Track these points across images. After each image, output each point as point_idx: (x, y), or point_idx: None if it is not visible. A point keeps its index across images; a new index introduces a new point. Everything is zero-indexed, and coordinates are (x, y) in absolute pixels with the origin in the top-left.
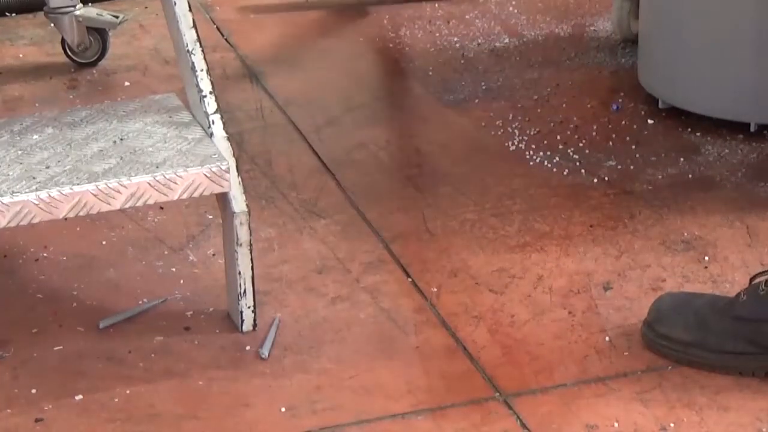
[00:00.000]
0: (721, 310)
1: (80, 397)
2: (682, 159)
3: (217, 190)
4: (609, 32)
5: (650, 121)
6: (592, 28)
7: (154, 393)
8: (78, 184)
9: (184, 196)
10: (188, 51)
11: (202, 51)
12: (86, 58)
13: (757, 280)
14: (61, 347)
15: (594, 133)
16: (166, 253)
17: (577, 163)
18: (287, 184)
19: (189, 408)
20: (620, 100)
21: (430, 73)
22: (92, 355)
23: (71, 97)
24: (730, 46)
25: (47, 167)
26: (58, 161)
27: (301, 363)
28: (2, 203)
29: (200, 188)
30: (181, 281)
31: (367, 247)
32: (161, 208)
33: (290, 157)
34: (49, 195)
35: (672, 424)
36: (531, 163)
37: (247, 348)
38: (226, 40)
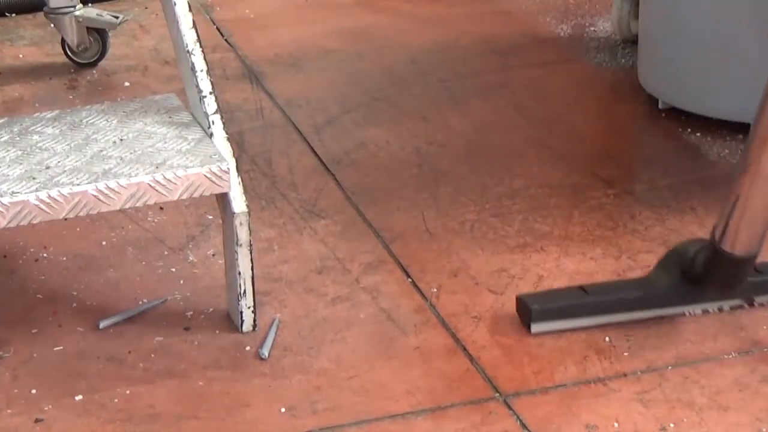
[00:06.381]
0: None
1: (80, 397)
2: (682, 159)
3: (217, 190)
4: (609, 32)
5: (650, 121)
6: (592, 28)
7: (154, 393)
8: (78, 185)
9: (184, 197)
10: (188, 51)
11: (202, 51)
12: (86, 59)
13: None
14: (61, 347)
15: (594, 133)
16: (166, 253)
17: (578, 164)
18: (287, 184)
19: (189, 408)
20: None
21: (430, 73)
22: (92, 355)
23: (71, 97)
24: (730, 46)
25: (47, 167)
26: (58, 161)
27: (300, 363)
28: (2, 203)
29: (200, 189)
30: (181, 281)
31: (367, 247)
32: (161, 208)
33: (290, 157)
34: (49, 195)
35: (672, 424)
36: (531, 163)
37: (247, 348)
38: (226, 40)
